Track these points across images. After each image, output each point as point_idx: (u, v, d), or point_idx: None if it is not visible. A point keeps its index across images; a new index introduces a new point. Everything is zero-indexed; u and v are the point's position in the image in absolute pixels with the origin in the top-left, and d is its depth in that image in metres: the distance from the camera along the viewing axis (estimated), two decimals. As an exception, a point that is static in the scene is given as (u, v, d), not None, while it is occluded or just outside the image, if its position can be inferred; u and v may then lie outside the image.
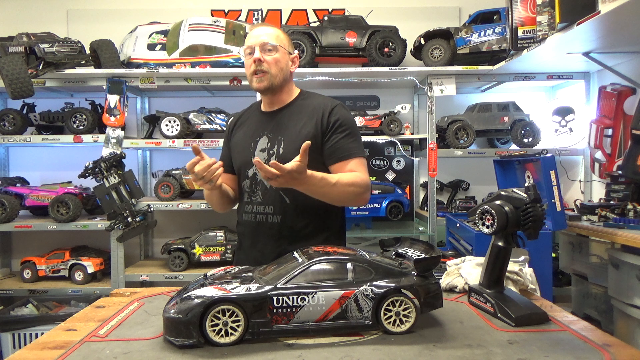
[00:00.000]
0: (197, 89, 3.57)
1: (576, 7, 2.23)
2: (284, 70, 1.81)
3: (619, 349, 1.01)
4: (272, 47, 1.78)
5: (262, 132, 1.85)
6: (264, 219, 1.80)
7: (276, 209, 1.78)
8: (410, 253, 1.22)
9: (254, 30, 1.83)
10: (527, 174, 2.70)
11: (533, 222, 1.20)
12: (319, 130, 1.77)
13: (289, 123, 1.82)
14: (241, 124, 1.97)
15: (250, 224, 1.84)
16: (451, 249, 2.75)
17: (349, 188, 1.69)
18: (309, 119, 1.80)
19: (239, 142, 1.91)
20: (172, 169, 3.42)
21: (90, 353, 1.01)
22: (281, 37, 1.83)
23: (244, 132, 1.92)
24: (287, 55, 1.84)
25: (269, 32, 1.81)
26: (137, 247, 3.68)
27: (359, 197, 1.76)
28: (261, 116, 1.92)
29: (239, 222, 1.94)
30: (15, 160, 3.77)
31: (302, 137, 1.74)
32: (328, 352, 1.00)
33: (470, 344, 1.04)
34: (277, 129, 1.82)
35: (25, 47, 3.04)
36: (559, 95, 3.67)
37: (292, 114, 1.85)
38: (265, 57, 1.77)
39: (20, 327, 3.02)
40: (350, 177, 1.72)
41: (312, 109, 1.83)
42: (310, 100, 1.89)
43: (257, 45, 1.77)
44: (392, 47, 3.29)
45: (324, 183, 1.63)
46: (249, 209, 1.85)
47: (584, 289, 2.73)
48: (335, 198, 1.71)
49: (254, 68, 1.77)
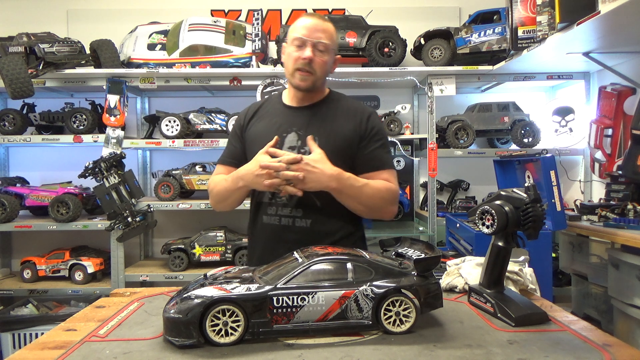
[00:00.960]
0: (197, 89, 3.57)
1: (576, 7, 2.23)
2: (326, 73, 1.74)
3: (619, 349, 1.01)
4: (324, 48, 1.67)
5: (290, 128, 1.73)
6: (291, 223, 1.69)
7: (305, 212, 1.67)
8: (410, 253, 1.22)
9: (310, 21, 1.68)
10: (527, 174, 2.70)
11: (533, 222, 1.20)
12: (357, 135, 1.71)
13: (324, 122, 1.73)
14: (261, 116, 1.83)
15: (273, 227, 1.71)
16: (451, 249, 2.75)
17: (379, 193, 1.64)
18: (346, 121, 1.73)
19: (260, 135, 1.74)
20: (172, 169, 3.42)
21: (90, 353, 1.01)
22: (334, 38, 1.73)
23: (265, 126, 1.78)
24: (333, 56, 1.75)
25: (325, 28, 1.68)
26: (137, 247, 3.68)
27: (387, 206, 1.70)
28: (286, 110, 1.79)
29: (255, 225, 1.80)
30: (15, 160, 3.77)
31: (339, 138, 1.69)
32: (328, 352, 1.00)
33: (470, 344, 1.04)
34: (309, 127, 1.71)
35: (25, 47, 3.04)
36: (559, 95, 3.67)
37: (326, 113, 1.75)
38: (315, 57, 1.66)
39: (20, 327, 3.02)
40: (381, 184, 1.67)
41: (347, 111, 1.76)
42: (343, 102, 1.81)
43: (311, 41, 1.65)
44: (392, 47, 3.29)
45: (352, 182, 1.59)
46: (271, 211, 1.72)
47: (584, 289, 2.73)
48: (365, 201, 1.64)
49: (301, 65, 1.66)
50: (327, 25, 1.70)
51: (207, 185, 3.30)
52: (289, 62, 1.71)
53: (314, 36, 1.65)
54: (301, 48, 1.66)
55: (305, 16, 1.73)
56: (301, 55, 1.66)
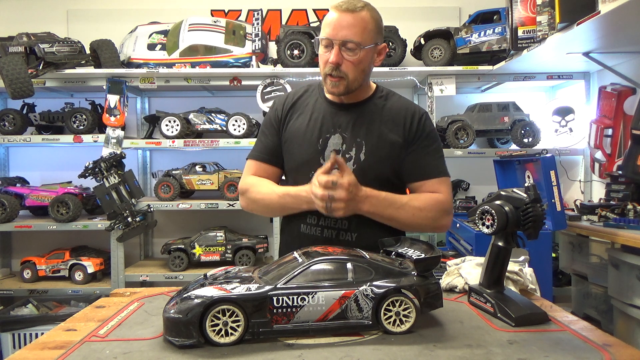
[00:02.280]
0: (197, 89, 3.57)
1: (576, 7, 2.23)
2: (365, 71, 1.52)
3: (619, 349, 1.01)
4: (354, 46, 1.45)
5: (334, 129, 1.55)
6: (334, 235, 1.53)
7: (352, 224, 1.52)
8: (410, 253, 1.22)
9: (335, 16, 1.46)
10: (527, 174, 2.70)
11: (533, 222, 1.20)
12: (405, 140, 1.54)
13: (371, 125, 1.54)
14: (300, 109, 1.63)
15: (313, 239, 1.53)
16: (451, 249, 2.75)
17: (420, 213, 1.49)
18: (394, 124, 1.55)
19: (302, 133, 1.58)
20: (172, 169, 3.42)
21: (90, 353, 1.01)
22: (369, 28, 1.47)
23: (305, 122, 1.59)
24: (372, 49, 1.51)
25: (354, 22, 1.44)
26: (137, 247, 3.68)
27: (435, 222, 1.53)
28: (329, 107, 1.60)
29: (290, 234, 1.64)
30: (15, 160, 3.77)
31: (388, 144, 1.53)
32: (328, 352, 1.00)
33: (470, 344, 1.04)
34: (355, 129, 1.54)
35: (25, 47, 3.04)
36: (559, 95, 3.67)
37: (373, 114, 1.57)
38: (345, 57, 1.46)
39: (20, 327, 3.01)
40: (425, 200, 1.51)
41: (396, 112, 1.58)
42: (391, 101, 1.62)
43: (337, 41, 1.45)
44: (392, 47, 3.29)
45: (387, 203, 1.44)
46: (312, 220, 1.54)
47: (584, 289, 2.73)
48: (405, 222, 1.50)
49: (330, 71, 1.48)
50: (357, 16, 1.45)
51: (209, 185, 3.34)
52: (320, 64, 1.54)
53: (340, 35, 1.44)
54: (328, 49, 1.48)
55: (333, 7, 1.48)
56: (328, 59, 1.47)
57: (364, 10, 1.47)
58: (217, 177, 3.35)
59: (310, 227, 1.57)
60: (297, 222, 1.60)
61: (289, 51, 3.27)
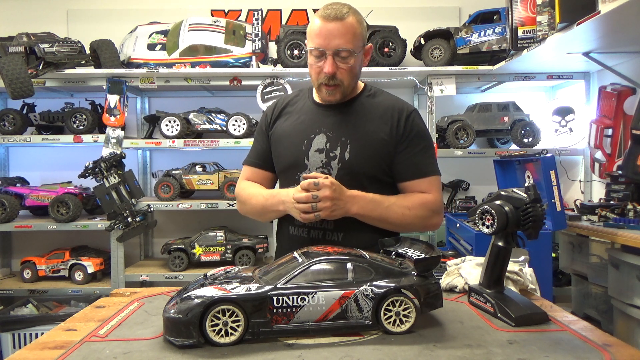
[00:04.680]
0: (197, 89, 3.57)
1: (576, 7, 2.23)
2: (358, 75, 1.56)
3: (619, 349, 1.01)
4: (347, 54, 1.46)
5: (319, 129, 1.56)
6: (320, 236, 1.54)
7: (338, 225, 1.52)
8: (410, 253, 1.22)
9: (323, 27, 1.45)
10: (527, 174, 2.70)
11: (533, 222, 1.20)
12: (393, 138, 1.53)
13: (356, 123, 1.55)
14: (288, 112, 1.65)
15: (301, 240, 1.56)
16: (451, 249, 2.75)
17: (409, 212, 1.49)
18: (382, 122, 1.54)
19: (287, 135, 1.60)
20: (172, 169, 3.42)
21: (90, 353, 1.01)
22: (357, 33, 1.48)
23: (292, 124, 1.61)
24: (361, 54, 1.53)
25: (344, 31, 1.44)
26: (137, 247, 3.68)
27: (425, 222, 1.54)
28: (315, 108, 1.62)
29: (282, 236, 1.67)
30: (15, 160, 3.77)
31: (374, 142, 1.52)
32: (328, 352, 1.00)
33: (470, 344, 1.04)
34: (340, 128, 1.55)
35: (25, 47, 3.04)
36: (559, 95, 3.67)
37: (359, 113, 1.57)
38: (339, 66, 1.47)
39: (20, 327, 3.02)
40: (413, 200, 1.51)
41: (383, 110, 1.57)
42: (379, 98, 1.61)
43: (330, 51, 1.45)
44: (392, 47, 3.29)
45: (375, 204, 1.45)
46: (299, 222, 1.53)
47: (584, 289, 2.73)
48: (395, 222, 1.50)
49: (325, 80, 1.49)
50: (345, 23, 1.45)
51: (208, 185, 3.34)
52: (312, 73, 1.54)
53: (333, 45, 1.45)
54: (321, 59, 1.48)
55: (319, 16, 1.48)
56: (322, 69, 1.48)
57: (350, 16, 1.48)
58: (217, 177, 3.35)
59: (297, 229, 1.59)
60: (286, 224, 1.63)
61: (289, 51, 3.27)
